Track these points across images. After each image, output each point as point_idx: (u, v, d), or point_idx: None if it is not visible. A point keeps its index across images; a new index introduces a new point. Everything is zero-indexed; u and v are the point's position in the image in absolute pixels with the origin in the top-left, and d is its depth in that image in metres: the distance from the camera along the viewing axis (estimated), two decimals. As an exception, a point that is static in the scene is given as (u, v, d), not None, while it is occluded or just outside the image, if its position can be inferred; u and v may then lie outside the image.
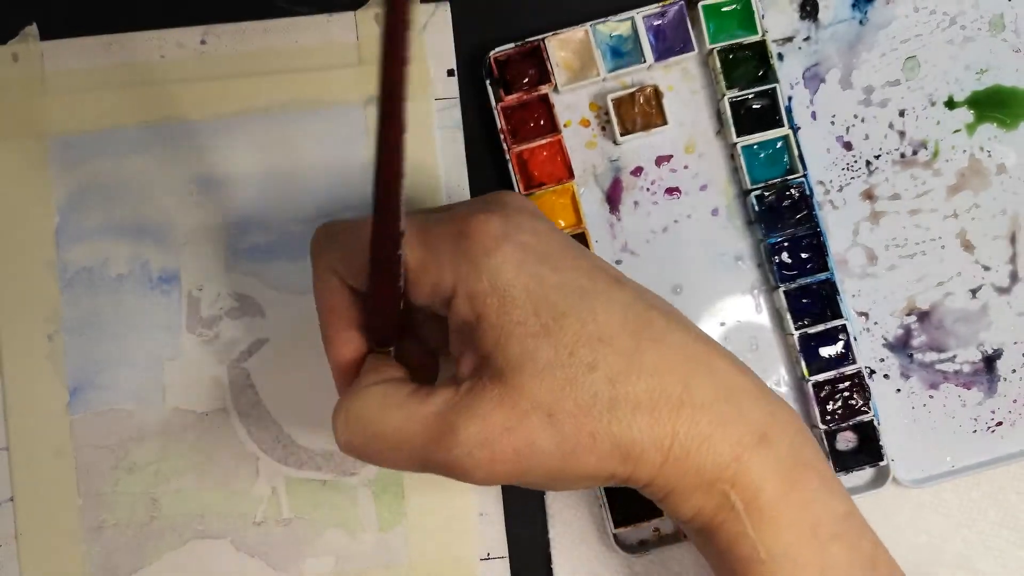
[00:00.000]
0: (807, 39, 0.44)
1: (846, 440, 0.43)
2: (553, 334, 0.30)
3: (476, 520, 0.42)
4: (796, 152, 0.42)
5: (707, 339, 0.33)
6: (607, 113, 0.43)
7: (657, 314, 0.32)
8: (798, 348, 0.42)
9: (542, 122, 0.42)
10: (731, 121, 0.42)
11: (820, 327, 0.42)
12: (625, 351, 0.31)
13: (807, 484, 0.32)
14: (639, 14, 0.42)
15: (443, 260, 0.31)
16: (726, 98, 0.42)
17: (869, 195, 0.44)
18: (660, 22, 0.43)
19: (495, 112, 0.42)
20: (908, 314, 0.44)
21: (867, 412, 0.42)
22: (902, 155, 0.44)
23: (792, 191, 0.42)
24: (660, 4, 0.42)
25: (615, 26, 0.42)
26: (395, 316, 0.33)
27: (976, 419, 0.44)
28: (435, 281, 0.31)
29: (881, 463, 0.42)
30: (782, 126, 0.42)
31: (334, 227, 0.34)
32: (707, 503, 0.32)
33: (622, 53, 0.43)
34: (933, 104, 0.44)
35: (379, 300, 0.33)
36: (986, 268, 0.44)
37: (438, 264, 0.31)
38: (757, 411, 0.32)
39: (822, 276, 0.42)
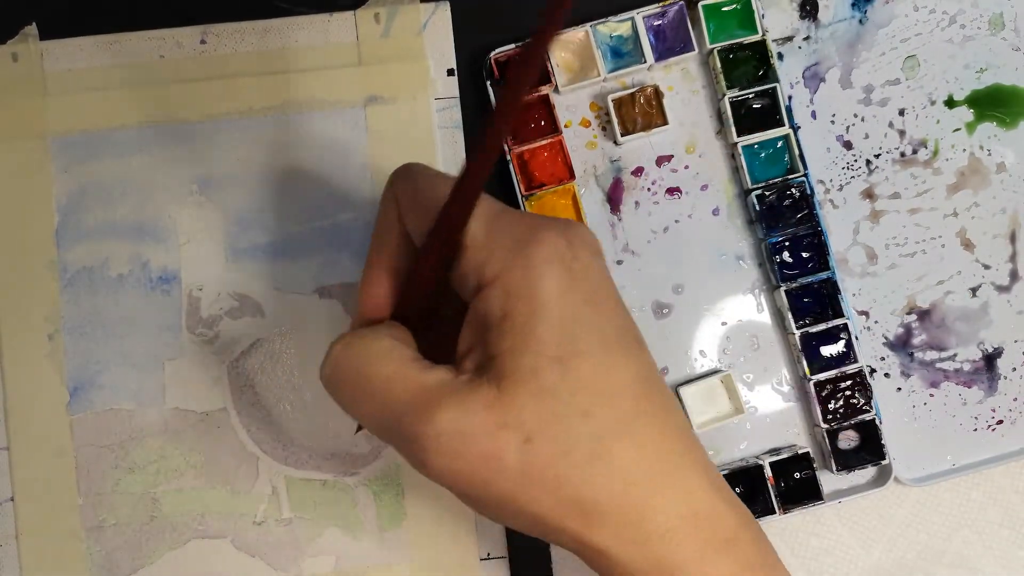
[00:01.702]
0: (807, 38, 0.44)
1: (848, 439, 0.43)
2: (566, 367, 0.29)
3: (476, 520, 0.42)
4: (796, 151, 0.42)
5: (693, 433, 0.32)
6: (608, 113, 0.43)
7: (660, 393, 0.31)
8: (799, 347, 0.42)
9: (543, 123, 0.42)
10: (731, 121, 0.42)
11: (821, 326, 0.42)
12: (622, 415, 0.30)
13: None
14: (639, 14, 0.42)
15: (499, 246, 0.30)
16: (726, 98, 0.42)
17: (869, 194, 0.44)
18: (660, 22, 0.43)
19: (495, 112, 0.42)
20: (908, 313, 0.44)
21: (868, 411, 0.42)
22: (902, 154, 0.44)
23: (793, 190, 0.42)
24: (660, 4, 0.42)
25: (615, 26, 0.42)
26: (429, 291, 0.33)
27: (977, 418, 0.44)
28: (482, 262, 0.30)
29: (883, 462, 0.42)
30: (782, 125, 0.42)
31: (416, 166, 0.33)
32: None
33: (622, 53, 0.43)
34: (933, 103, 0.44)
35: (422, 268, 0.32)
36: (986, 267, 0.44)
37: (492, 248, 0.30)
38: (730, 512, 0.31)
39: (823, 275, 0.42)
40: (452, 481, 0.30)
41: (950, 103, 0.44)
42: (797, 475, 0.42)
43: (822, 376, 0.42)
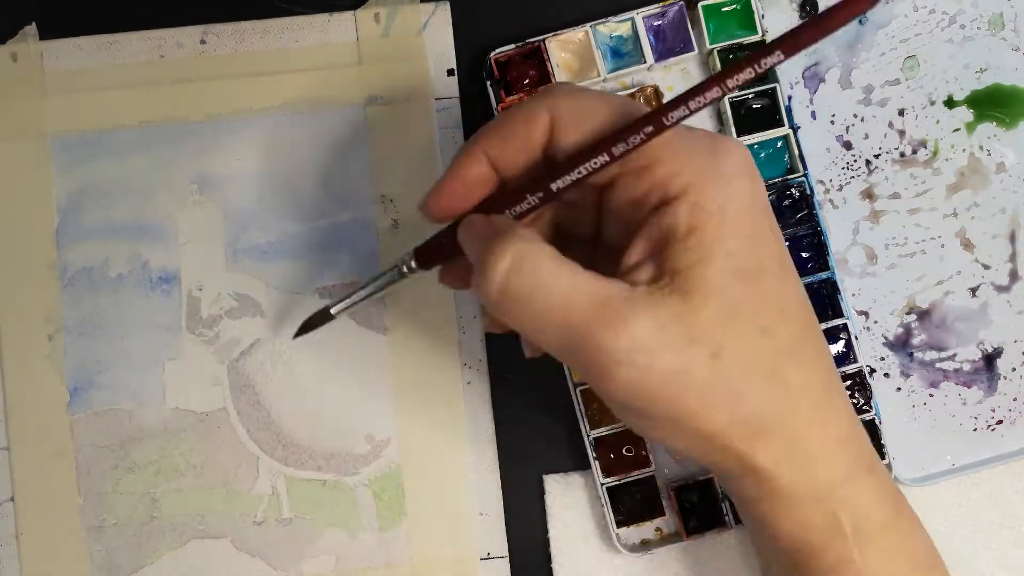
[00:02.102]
0: (807, 38, 0.44)
1: (847, 439, 0.43)
2: (751, 283, 0.29)
3: (476, 520, 0.42)
4: (796, 151, 0.42)
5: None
6: (607, 113, 0.43)
7: (815, 317, 0.32)
8: (798, 347, 0.42)
9: (542, 122, 0.42)
10: (731, 121, 0.42)
11: (821, 326, 0.42)
12: (794, 335, 0.30)
13: (908, 515, 0.33)
14: (639, 15, 0.42)
15: (687, 159, 0.30)
16: (726, 98, 0.42)
17: (869, 194, 0.44)
18: (660, 23, 0.43)
19: (496, 113, 0.42)
20: (908, 313, 0.44)
21: (868, 411, 0.42)
22: (902, 154, 0.44)
23: (792, 190, 0.42)
24: (660, 4, 0.42)
25: (615, 27, 0.42)
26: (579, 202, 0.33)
27: (976, 417, 0.44)
28: (669, 175, 0.30)
29: (883, 461, 0.42)
30: (782, 126, 0.42)
31: (577, 89, 0.32)
32: (812, 520, 0.31)
33: (622, 54, 0.43)
34: (932, 103, 0.44)
35: (583, 177, 0.31)
36: (986, 267, 0.44)
37: (680, 160, 0.30)
38: (867, 443, 0.33)
39: (823, 275, 0.42)
40: (636, 395, 0.29)
41: (950, 103, 0.44)
42: (797, 475, 0.42)
43: (822, 376, 0.42)
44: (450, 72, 0.43)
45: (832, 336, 0.42)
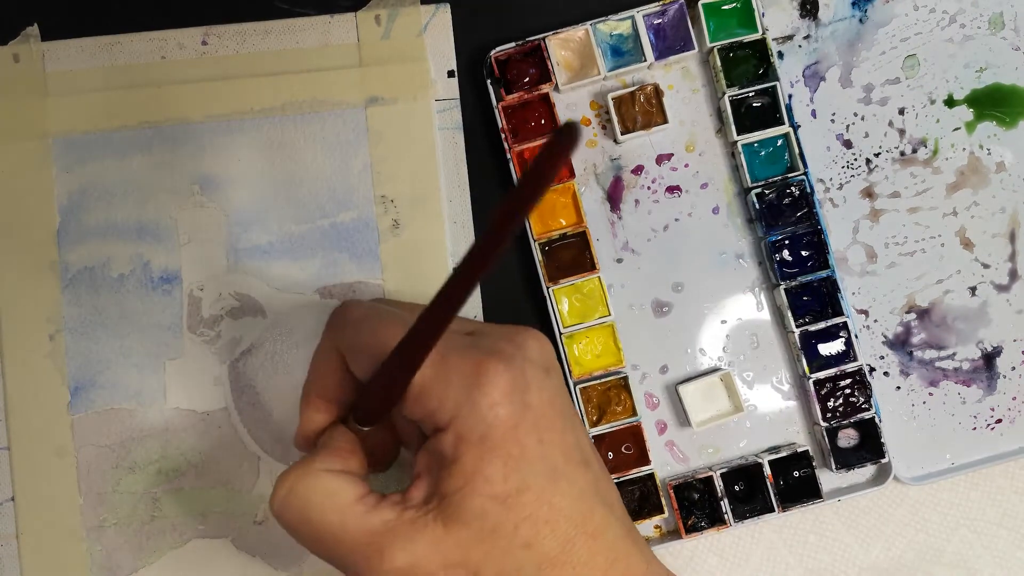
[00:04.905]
0: (807, 37, 0.44)
1: (847, 437, 0.43)
2: (510, 505, 0.31)
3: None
4: (796, 150, 0.42)
5: (635, 537, 0.34)
6: (608, 112, 0.43)
7: (601, 507, 0.33)
8: (799, 345, 0.42)
9: (543, 121, 0.42)
10: (731, 119, 0.42)
11: (821, 324, 0.42)
12: (562, 540, 0.32)
13: None
14: (639, 13, 0.42)
15: (449, 394, 0.32)
16: (726, 96, 0.42)
17: (869, 193, 0.44)
18: (660, 21, 0.43)
19: (496, 111, 0.42)
20: (908, 312, 0.44)
21: (868, 409, 0.42)
22: (902, 153, 0.44)
23: (792, 189, 0.43)
24: (660, 3, 0.42)
25: (615, 25, 0.43)
26: (383, 412, 0.35)
27: (976, 416, 0.44)
28: (435, 408, 0.32)
29: (882, 460, 0.42)
30: (782, 124, 0.42)
31: (356, 311, 0.35)
32: None
33: (622, 52, 0.43)
34: (933, 102, 0.44)
35: (374, 396, 0.34)
36: (985, 266, 0.44)
37: (443, 396, 0.32)
38: None
39: (823, 274, 0.42)
40: None
41: (950, 102, 0.44)
42: (796, 473, 0.42)
43: (821, 374, 0.42)
44: (450, 73, 0.43)
45: (832, 335, 0.42)
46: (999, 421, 0.44)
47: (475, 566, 0.31)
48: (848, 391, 0.42)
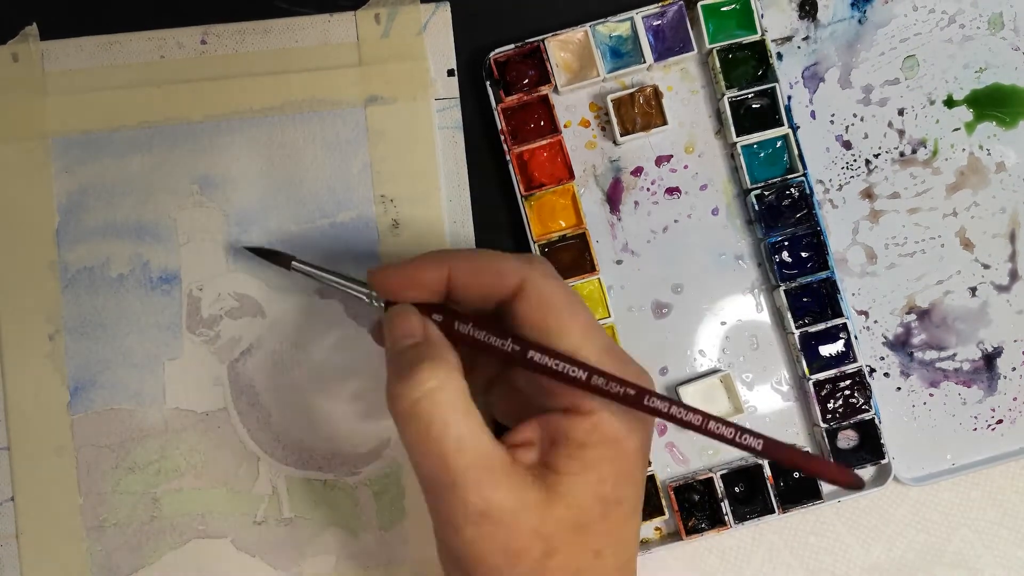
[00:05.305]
0: (806, 38, 0.44)
1: (847, 438, 0.43)
2: (606, 511, 0.32)
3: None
4: (796, 151, 0.42)
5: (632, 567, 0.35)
6: (607, 113, 0.43)
7: (635, 555, 0.34)
8: (799, 347, 0.42)
9: (542, 123, 0.42)
10: (731, 121, 0.42)
11: (821, 326, 0.42)
12: (619, 562, 0.33)
13: None
14: (638, 14, 0.42)
15: (613, 414, 0.33)
16: (725, 97, 0.42)
17: (868, 194, 0.44)
18: (659, 22, 0.43)
19: (495, 113, 0.42)
20: (908, 312, 0.44)
21: (868, 410, 0.42)
22: (901, 154, 0.44)
23: (792, 190, 0.42)
24: (659, 4, 0.42)
25: (614, 27, 0.42)
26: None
27: (976, 417, 0.44)
28: (598, 420, 0.33)
29: (883, 461, 0.42)
30: (781, 125, 0.42)
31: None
32: None
33: (622, 53, 0.43)
34: (932, 103, 0.44)
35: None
36: (985, 266, 0.44)
37: (610, 413, 0.33)
38: None
39: (822, 275, 0.42)
40: (470, 550, 0.31)
41: (949, 103, 0.44)
42: (796, 474, 0.42)
43: (821, 376, 0.42)
44: (450, 72, 0.43)
45: (832, 336, 0.42)
46: (1000, 422, 0.44)
47: (552, 548, 0.31)
48: (848, 392, 0.42)
